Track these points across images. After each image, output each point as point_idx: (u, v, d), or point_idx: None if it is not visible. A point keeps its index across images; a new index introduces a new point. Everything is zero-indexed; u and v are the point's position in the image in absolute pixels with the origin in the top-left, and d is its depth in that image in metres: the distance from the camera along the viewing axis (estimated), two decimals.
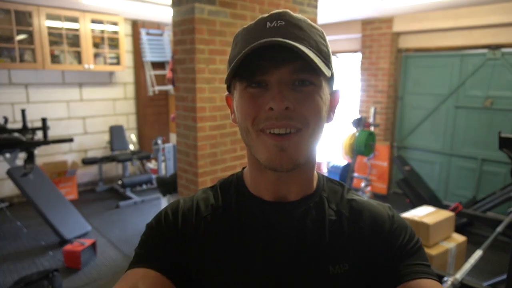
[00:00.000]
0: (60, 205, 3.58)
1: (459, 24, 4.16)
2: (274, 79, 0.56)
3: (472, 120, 4.31)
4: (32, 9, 4.09)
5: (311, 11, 3.15)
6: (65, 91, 4.76)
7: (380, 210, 0.67)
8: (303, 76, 0.56)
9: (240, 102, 0.59)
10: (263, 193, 0.65)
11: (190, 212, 0.66)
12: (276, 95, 0.54)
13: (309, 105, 0.57)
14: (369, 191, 4.77)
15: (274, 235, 0.62)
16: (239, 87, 0.59)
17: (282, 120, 0.55)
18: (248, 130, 0.58)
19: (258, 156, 0.58)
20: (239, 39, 0.61)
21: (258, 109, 0.56)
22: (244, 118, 0.58)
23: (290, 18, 0.58)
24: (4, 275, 2.88)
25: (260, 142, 0.57)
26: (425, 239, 2.40)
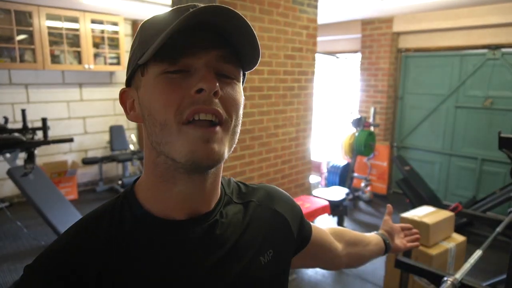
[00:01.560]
0: (60, 205, 3.58)
1: (459, 24, 4.17)
2: (201, 63, 0.49)
3: (472, 120, 4.32)
4: (32, 9, 4.09)
5: (311, 11, 3.16)
6: (65, 91, 4.76)
7: (273, 189, 0.73)
8: (228, 67, 0.51)
9: (155, 90, 0.49)
10: (172, 211, 0.54)
11: (80, 266, 0.49)
12: (207, 75, 0.48)
13: (233, 99, 0.51)
14: (369, 191, 4.77)
15: (200, 257, 0.54)
16: (152, 72, 0.50)
17: (211, 104, 0.48)
18: (166, 123, 0.48)
19: (177, 152, 0.48)
20: (153, 23, 0.52)
21: (181, 95, 0.48)
22: (163, 108, 0.48)
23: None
24: (4, 275, 2.88)
25: (181, 136, 0.48)
26: (425, 239, 2.40)
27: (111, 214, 0.54)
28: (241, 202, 0.65)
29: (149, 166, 0.54)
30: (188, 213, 0.55)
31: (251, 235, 0.61)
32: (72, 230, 0.54)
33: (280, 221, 0.68)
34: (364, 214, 4.34)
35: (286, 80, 3.06)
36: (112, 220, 0.53)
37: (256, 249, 0.61)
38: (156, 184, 0.54)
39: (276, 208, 0.69)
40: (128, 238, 0.52)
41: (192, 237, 0.54)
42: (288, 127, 3.17)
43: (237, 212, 0.63)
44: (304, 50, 3.18)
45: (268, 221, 0.66)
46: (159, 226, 0.53)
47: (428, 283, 2.28)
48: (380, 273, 2.89)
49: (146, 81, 0.51)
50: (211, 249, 0.56)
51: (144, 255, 0.52)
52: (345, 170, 4.82)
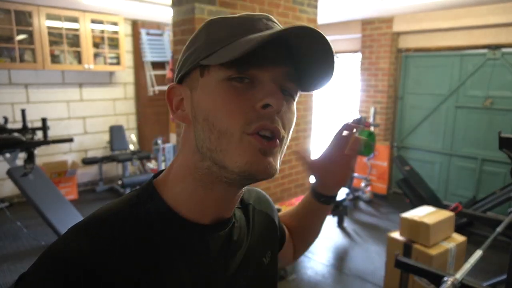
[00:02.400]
0: (60, 205, 3.58)
1: (459, 24, 4.17)
2: (267, 76, 0.48)
3: (472, 120, 4.32)
4: (32, 9, 4.09)
5: (311, 11, 3.15)
6: (65, 91, 4.76)
7: (260, 191, 0.74)
8: (291, 85, 0.50)
9: (218, 97, 0.48)
10: (200, 215, 0.53)
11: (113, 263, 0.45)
12: (275, 91, 0.47)
13: (289, 117, 0.51)
14: (369, 191, 4.77)
15: (223, 265, 0.56)
16: (215, 76, 0.48)
17: (274, 123, 0.48)
18: (227, 132, 0.47)
19: (233, 160, 0.47)
20: (224, 24, 0.51)
21: (248, 107, 0.47)
22: (226, 117, 0.47)
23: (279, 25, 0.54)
24: (4, 275, 2.88)
25: (242, 145, 0.47)
26: (425, 239, 2.40)
27: (135, 214, 0.50)
28: (242, 205, 0.66)
29: (188, 168, 0.52)
30: (214, 218, 0.55)
31: (256, 238, 0.64)
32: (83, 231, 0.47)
33: (271, 223, 0.71)
34: (364, 214, 4.34)
35: None
36: (138, 221, 0.49)
37: (260, 251, 0.64)
38: (191, 187, 0.52)
39: (267, 211, 0.71)
40: (157, 240, 0.49)
41: (215, 242, 0.55)
42: None
43: (242, 215, 0.64)
44: None
45: (264, 224, 0.68)
46: (187, 228, 0.52)
47: (428, 283, 2.28)
48: (380, 273, 2.89)
49: (206, 83, 0.49)
50: (232, 253, 0.57)
51: (171, 257, 0.50)
52: None
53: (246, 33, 0.48)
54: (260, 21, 0.50)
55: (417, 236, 2.45)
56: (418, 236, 2.44)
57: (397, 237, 2.56)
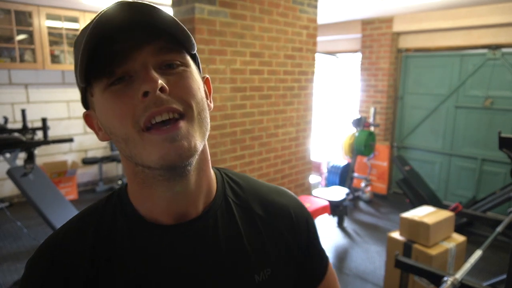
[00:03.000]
0: (60, 205, 3.58)
1: (459, 24, 4.17)
2: (138, 65, 0.46)
3: (472, 120, 4.32)
4: (32, 9, 4.09)
5: (311, 11, 3.16)
6: (65, 91, 4.76)
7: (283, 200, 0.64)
8: (170, 56, 0.48)
9: (106, 107, 0.48)
10: (159, 216, 0.53)
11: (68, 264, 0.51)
12: (146, 77, 0.45)
13: (185, 86, 0.49)
14: (369, 191, 4.77)
15: (186, 268, 0.52)
16: (98, 92, 0.48)
17: (162, 104, 0.46)
18: (128, 136, 0.47)
19: (148, 160, 0.47)
20: (78, 40, 0.49)
21: (132, 104, 0.46)
22: (119, 123, 0.47)
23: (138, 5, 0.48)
24: (4, 275, 2.88)
25: (146, 144, 0.47)
26: (425, 239, 2.40)
27: (103, 213, 0.55)
28: (244, 208, 0.60)
29: (130, 176, 0.53)
30: (176, 218, 0.53)
31: (250, 248, 0.56)
32: (65, 226, 0.56)
33: (284, 243, 0.60)
34: (364, 214, 4.34)
35: (286, 80, 3.06)
36: (103, 219, 0.54)
37: (253, 265, 0.56)
38: (139, 191, 0.53)
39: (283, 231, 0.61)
40: (119, 239, 0.53)
41: (179, 243, 0.53)
42: (288, 127, 3.17)
43: (239, 220, 0.58)
44: (304, 50, 3.18)
45: (272, 239, 0.59)
46: (149, 230, 0.53)
47: (428, 283, 2.28)
48: (380, 273, 2.89)
49: (96, 100, 0.49)
50: (198, 257, 0.53)
51: (131, 257, 0.52)
52: (345, 170, 4.82)
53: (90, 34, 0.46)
54: (101, 17, 0.46)
55: (417, 236, 2.45)
56: (418, 236, 2.44)
57: (397, 237, 2.56)
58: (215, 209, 0.56)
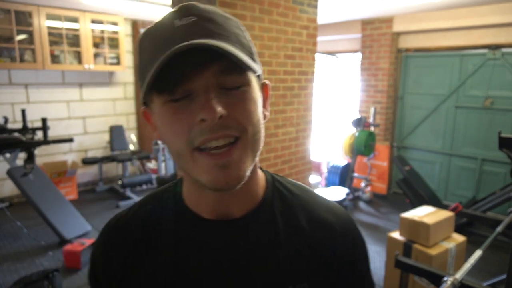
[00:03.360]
0: (60, 205, 3.58)
1: (459, 24, 4.17)
2: (199, 86, 0.47)
3: (472, 120, 4.32)
4: (32, 9, 4.09)
5: (311, 11, 3.15)
6: (65, 91, 4.76)
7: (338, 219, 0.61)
8: (231, 78, 0.48)
9: (163, 121, 0.50)
10: (203, 211, 0.56)
11: (116, 248, 0.58)
12: (206, 104, 0.46)
13: (243, 109, 0.49)
14: (369, 191, 4.77)
15: (219, 263, 0.54)
16: (158, 102, 0.49)
17: (218, 131, 0.47)
18: (181, 152, 0.49)
19: (199, 178, 0.50)
20: (146, 44, 0.51)
21: (188, 124, 0.47)
22: (174, 139, 0.49)
23: (201, 12, 0.49)
24: (4, 275, 2.88)
25: (197, 164, 0.49)
26: (425, 239, 2.40)
27: (159, 200, 0.61)
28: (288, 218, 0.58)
29: (184, 174, 0.57)
30: (219, 215, 0.56)
31: (288, 260, 0.55)
32: (126, 210, 0.63)
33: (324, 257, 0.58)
34: (364, 214, 4.34)
35: (286, 80, 3.06)
36: (157, 206, 0.60)
37: (289, 275, 0.55)
38: (189, 185, 0.57)
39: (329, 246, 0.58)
40: (165, 226, 0.57)
41: (217, 237, 0.55)
42: (288, 127, 3.17)
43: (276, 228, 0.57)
44: (304, 50, 3.17)
45: (314, 252, 0.57)
46: (191, 221, 0.57)
47: (428, 283, 2.28)
48: (380, 273, 2.89)
49: (155, 109, 0.51)
50: (232, 255, 0.54)
51: (172, 243, 0.56)
52: (345, 170, 4.82)
53: (158, 53, 0.47)
54: (172, 27, 0.48)
55: (417, 236, 2.45)
56: (418, 236, 2.44)
57: (397, 237, 2.56)
58: (258, 213, 0.57)
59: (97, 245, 0.61)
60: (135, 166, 5.37)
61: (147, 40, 0.51)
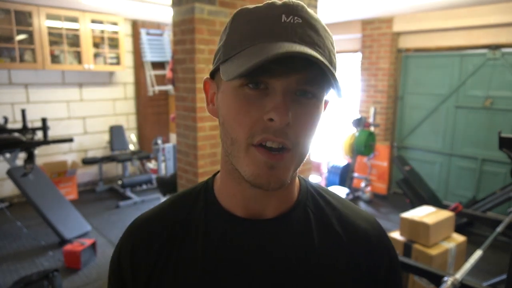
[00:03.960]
0: (60, 205, 3.58)
1: (459, 24, 4.16)
2: (279, 86, 0.47)
3: (472, 120, 4.32)
4: (32, 9, 4.09)
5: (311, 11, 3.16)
6: (65, 91, 4.76)
7: (373, 227, 0.61)
8: (310, 89, 0.49)
9: (231, 103, 0.50)
10: (235, 208, 0.56)
11: (143, 247, 0.57)
12: (281, 106, 0.46)
13: (305, 122, 0.49)
14: (369, 191, 4.77)
15: (248, 262, 0.53)
16: (232, 82, 0.49)
17: (280, 136, 0.47)
18: (237, 140, 0.49)
19: (242, 169, 0.50)
20: (245, 22, 0.50)
21: (255, 117, 0.48)
22: (236, 126, 0.49)
23: (306, 15, 0.49)
24: (4, 275, 2.88)
25: (248, 156, 0.49)
26: (425, 239, 2.40)
27: (190, 198, 0.60)
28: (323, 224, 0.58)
29: (222, 161, 0.57)
30: (251, 214, 0.55)
31: (317, 260, 0.55)
32: (158, 205, 0.63)
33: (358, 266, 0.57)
34: None
35: None
36: (188, 203, 0.60)
37: (317, 278, 0.54)
38: (224, 179, 0.57)
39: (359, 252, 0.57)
40: (196, 222, 0.57)
41: (248, 236, 0.55)
42: None
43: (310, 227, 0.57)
44: None
45: (344, 256, 0.56)
46: (222, 217, 0.56)
47: (428, 283, 2.28)
48: None
49: (226, 87, 0.51)
50: (265, 257, 0.53)
51: (202, 239, 0.55)
52: (345, 170, 4.82)
53: (257, 38, 0.48)
54: (279, 20, 0.48)
55: (417, 236, 2.45)
56: (418, 236, 2.44)
57: (397, 237, 2.56)
58: (292, 215, 0.57)
59: (123, 245, 0.60)
60: (135, 166, 5.37)
61: (245, 19, 0.50)
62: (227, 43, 0.51)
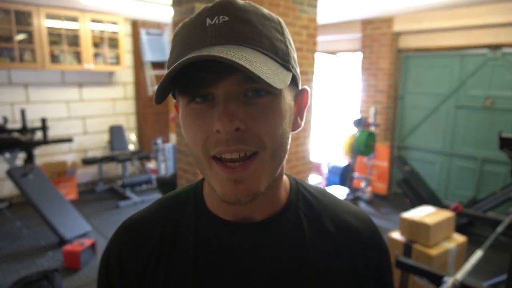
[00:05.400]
0: (60, 205, 3.58)
1: (459, 24, 4.16)
2: (220, 93, 0.45)
3: (472, 120, 4.31)
4: (32, 9, 4.09)
5: (311, 11, 3.15)
6: (65, 91, 4.75)
7: (364, 224, 0.60)
8: (256, 85, 0.44)
9: (185, 122, 0.49)
10: (223, 212, 0.55)
11: (131, 252, 0.56)
12: (222, 114, 0.44)
13: (264, 122, 0.46)
14: (369, 191, 4.77)
15: (240, 264, 0.52)
16: (181, 102, 0.49)
17: (233, 144, 0.45)
18: (199, 158, 0.48)
19: (213, 186, 0.49)
20: (177, 39, 0.49)
21: (206, 131, 0.46)
22: (192, 143, 0.48)
23: (235, 11, 0.46)
24: (4, 275, 2.88)
25: (212, 173, 0.48)
26: (425, 239, 2.40)
27: (178, 200, 0.60)
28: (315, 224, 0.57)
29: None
30: (240, 219, 0.54)
31: (310, 261, 0.54)
32: (147, 208, 0.61)
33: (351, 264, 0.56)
34: None
35: None
36: (177, 205, 0.59)
37: (309, 279, 0.53)
38: (208, 188, 0.56)
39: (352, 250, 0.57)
40: (186, 227, 0.56)
41: (237, 238, 0.53)
42: None
43: (301, 228, 0.56)
44: (304, 50, 3.17)
45: (337, 256, 0.56)
46: (211, 221, 0.55)
47: (428, 283, 2.28)
48: None
49: (180, 107, 0.50)
50: (255, 259, 0.53)
51: (190, 244, 0.55)
52: (346, 170, 4.82)
53: (183, 52, 0.46)
54: (203, 26, 0.46)
55: (417, 236, 2.44)
56: (418, 236, 2.44)
57: (397, 237, 2.56)
58: (281, 217, 0.55)
59: (111, 247, 0.59)
60: (135, 166, 5.36)
61: (179, 36, 0.49)
62: (168, 65, 0.50)
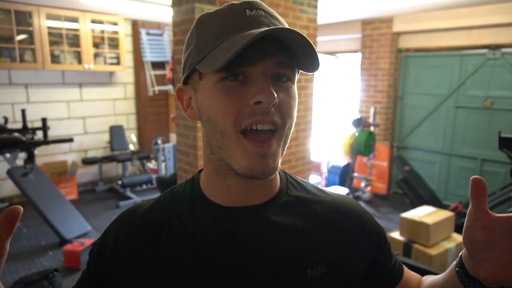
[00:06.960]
0: (60, 205, 3.58)
1: (459, 24, 4.16)
2: (258, 72, 0.50)
3: (472, 120, 4.32)
4: (32, 9, 4.09)
5: (311, 11, 3.15)
6: (65, 91, 4.76)
7: (351, 203, 0.65)
8: (286, 71, 0.52)
9: (214, 98, 0.51)
10: (220, 199, 0.57)
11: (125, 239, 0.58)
12: (265, 87, 0.49)
13: (288, 103, 0.52)
14: (369, 191, 4.77)
15: (239, 246, 0.55)
16: (210, 80, 0.51)
17: (269, 115, 0.50)
18: (226, 131, 0.51)
19: (236, 162, 0.51)
20: (211, 23, 0.53)
21: (239, 105, 0.50)
22: (222, 117, 0.50)
23: (266, 8, 0.53)
24: (4, 275, 2.88)
25: (239, 147, 0.51)
26: (425, 239, 2.40)
27: (177, 192, 0.62)
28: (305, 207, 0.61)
29: (205, 159, 0.59)
30: (234, 204, 0.57)
31: (303, 242, 0.57)
32: (149, 200, 0.63)
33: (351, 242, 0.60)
34: None
35: None
36: (176, 197, 0.61)
37: (306, 259, 0.56)
38: (209, 176, 0.58)
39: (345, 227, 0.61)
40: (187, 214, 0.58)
41: (235, 223, 0.56)
42: None
43: (293, 214, 0.59)
44: None
45: (331, 235, 0.59)
46: (208, 207, 0.57)
47: None
48: None
49: (204, 86, 0.53)
50: (251, 241, 0.55)
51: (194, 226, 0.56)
52: (345, 170, 4.82)
53: (228, 33, 0.50)
54: (244, 14, 0.51)
55: (417, 236, 2.45)
56: (418, 236, 2.44)
57: (397, 237, 2.56)
58: (275, 202, 0.59)
59: (109, 230, 0.61)
60: (135, 166, 5.36)
61: (211, 20, 0.53)
62: (198, 45, 0.53)
